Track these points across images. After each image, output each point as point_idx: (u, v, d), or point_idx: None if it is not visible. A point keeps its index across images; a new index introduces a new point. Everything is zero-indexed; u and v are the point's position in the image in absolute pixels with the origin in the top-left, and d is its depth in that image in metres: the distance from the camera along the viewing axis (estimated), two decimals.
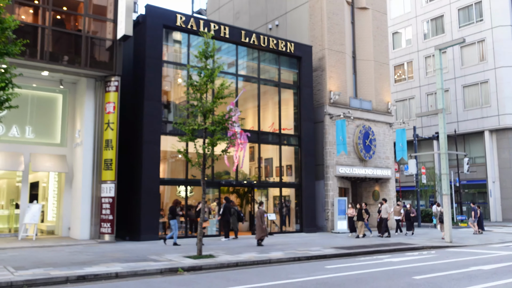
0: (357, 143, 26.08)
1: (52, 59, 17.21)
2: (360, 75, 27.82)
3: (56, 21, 17.79)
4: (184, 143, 15.31)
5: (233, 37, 22.32)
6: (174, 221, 17.82)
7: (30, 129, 19.18)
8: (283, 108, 25.06)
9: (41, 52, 17.03)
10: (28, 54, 16.74)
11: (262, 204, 18.53)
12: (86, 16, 18.17)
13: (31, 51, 16.91)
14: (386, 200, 23.58)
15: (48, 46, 17.12)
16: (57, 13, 17.83)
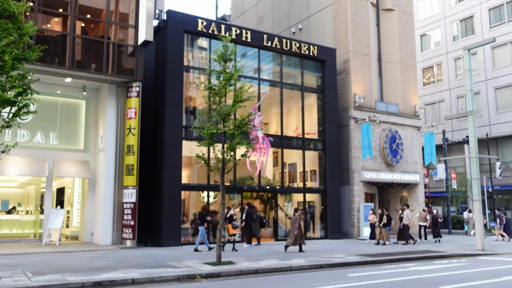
0: (383, 147, 25.41)
1: (75, 66, 17.36)
2: (386, 78, 27.17)
3: (78, 28, 17.95)
4: (206, 147, 15.11)
5: (255, 41, 22.11)
6: (203, 228, 17.79)
7: (54, 135, 19.39)
8: (307, 112, 24.66)
9: (64, 59, 17.19)
10: (49, 61, 16.94)
11: (298, 211, 18.34)
12: (107, 22, 18.29)
13: (53, 58, 17.10)
14: (408, 206, 22.85)
15: (71, 53, 17.27)
16: (80, 20, 18.00)
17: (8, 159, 18.26)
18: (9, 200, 21.79)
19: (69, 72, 17.52)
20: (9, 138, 18.50)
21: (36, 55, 11.76)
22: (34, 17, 16.76)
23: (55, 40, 17.62)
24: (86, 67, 17.71)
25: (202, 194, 22.31)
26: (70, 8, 17.56)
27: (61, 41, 17.58)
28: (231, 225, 18.06)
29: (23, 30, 11.39)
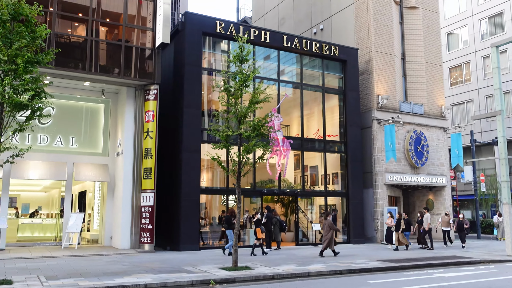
0: (407, 149, 24.66)
1: (94, 69, 17.36)
2: (410, 78, 26.41)
3: (97, 32, 17.98)
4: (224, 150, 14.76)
5: (274, 42, 21.77)
6: (230, 231, 17.52)
7: (73, 139, 19.47)
8: (328, 114, 24.16)
9: (84, 62, 17.23)
10: (69, 65, 16.99)
11: (330, 215, 17.99)
12: (125, 26, 18.26)
13: (72, 62, 17.16)
14: (428, 209, 22.07)
15: (90, 57, 17.29)
16: (98, 24, 18.01)
17: (28, 163, 18.44)
18: (30, 204, 21.98)
19: (88, 76, 17.57)
20: (30, 142, 18.63)
21: (50, 58, 11.70)
22: (53, 22, 16.85)
23: (74, 45, 17.68)
24: (104, 71, 17.71)
25: (223, 197, 22.09)
26: (89, 12, 17.60)
27: (80, 45, 17.64)
28: (260, 229, 17.66)
29: (36, 33, 11.35)
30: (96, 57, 17.62)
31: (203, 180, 23.46)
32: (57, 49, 12.15)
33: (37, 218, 22.23)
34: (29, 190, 26.13)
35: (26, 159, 18.46)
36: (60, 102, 19.46)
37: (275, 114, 21.55)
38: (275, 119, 21.42)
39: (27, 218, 21.76)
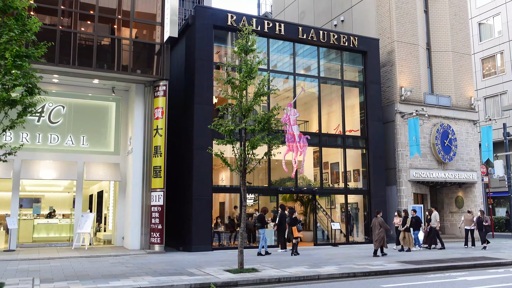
0: (434, 143, 23.33)
1: (101, 66, 16.97)
2: (436, 68, 25.03)
3: (103, 28, 17.59)
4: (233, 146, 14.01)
5: (289, 34, 20.90)
6: (263, 230, 17.22)
7: (84, 138, 19.17)
8: (348, 108, 23.12)
9: (91, 59, 16.85)
10: (75, 62, 16.65)
11: (380, 213, 17.29)
12: (133, 20, 17.80)
13: (79, 59, 16.81)
14: (436, 207, 20.74)
15: (96, 54, 16.91)
16: (105, 20, 17.61)
17: (39, 163, 18.25)
18: (41, 204, 21.88)
19: (95, 73, 17.19)
20: (40, 142, 18.48)
21: (41, 52, 11.21)
22: (58, 18, 16.54)
23: (80, 41, 17.33)
24: (112, 68, 17.28)
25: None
26: (95, 8, 17.22)
27: (86, 42, 17.28)
28: (296, 228, 16.96)
29: (26, 27, 10.91)
30: (103, 53, 17.23)
31: (222, 178, 22.89)
32: (50, 43, 11.63)
33: (54, 219, 22.07)
34: (52, 190, 26.14)
35: (36, 158, 18.42)
36: (70, 101, 19.27)
37: (294, 110, 20.76)
38: (291, 114, 20.60)
39: (43, 219, 21.64)
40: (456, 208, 24.99)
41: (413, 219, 18.81)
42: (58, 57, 16.35)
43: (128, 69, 17.39)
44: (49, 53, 16.42)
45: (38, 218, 21.51)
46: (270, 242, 19.49)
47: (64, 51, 16.59)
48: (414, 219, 18.80)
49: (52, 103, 18.88)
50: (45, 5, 16.50)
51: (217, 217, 20.56)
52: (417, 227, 18.86)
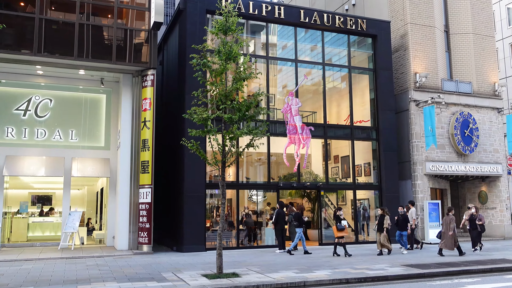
0: (453, 133, 21.40)
1: (83, 55, 15.90)
2: (455, 52, 23.03)
3: (86, 14, 16.52)
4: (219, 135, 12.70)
5: (290, 17, 19.40)
6: (300, 230, 16.13)
7: (73, 132, 18.23)
8: (357, 96, 21.47)
9: (71, 48, 15.80)
10: (54, 51, 15.66)
11: (452, 211, 15.77)
12: (117, 6, 16.68)
13: (59, 48, 15.81)
14: (414, 203, 18.58)
15: (78, 42, 15.84)
16: (87, 5, 16.52)
17: (24, 159, 17.41)
18: (28, 203, 21.11)
19: (77, 63, 16.16)
20: (26, 137, 17.64)
21: None
22: (36, 5, 15.55)
23: (61, 29, 16.33)
24: (95, 57, 16.17)
25: (250, 192, 20.13)
26: None
27: (67, 29, 16.24)
28: (336, 227, 15.48)
29: None
30: (85, 41, 16.13)
31: (229, 174, 21.67)
32: (1, 25, 10.58)
33: (50, 217, 21.30)
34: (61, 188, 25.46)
35: (22, 154, 17.56)
36: (58, 93, 18.36)
37: (296, 99, 19.31)
38: (293, 103, 19.13)
39: (37, 217, 20.90)
40: (479, 204, 22.96)
41: (399, 217, 16.66)
42: (37, 46, 15.37)
43: (112, 58, 16.27)
44: (27, 42, 15.58)
45: (33, 216, 20.78)
46: (267, 241, 18.20)
47: (43, 40, 15.60)
48: (401, 217, 16.61)
49: (39, 96, 18.01)
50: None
51: (217, 214, 19.38)
52: (403, 227, 16.57)
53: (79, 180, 21.40)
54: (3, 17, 14.88)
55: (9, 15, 15.35)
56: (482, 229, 16.60)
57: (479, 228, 16.54)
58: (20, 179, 19.90)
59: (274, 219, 16.58)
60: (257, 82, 19.07)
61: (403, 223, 16.55)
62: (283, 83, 20.62)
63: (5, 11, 15.27)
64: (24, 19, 15.66)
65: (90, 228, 22.32)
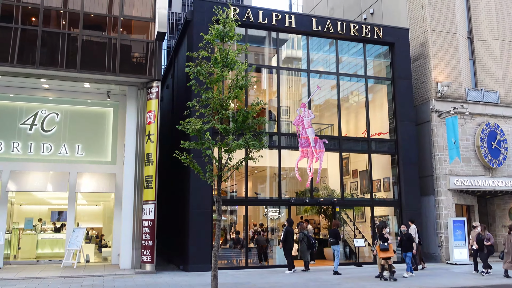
0: (478, 146, 20.06)
1: (85, 67, 15.56)
2: (480, 60, 21.78)
3: (89, 26, 16.25)
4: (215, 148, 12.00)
5: (301, 26, 18.69)
6: (338, 247, 15.39)
7: (79, 147, 17.85)
8: (375, 108, 20.49)
9: (73, 60, 15.50)
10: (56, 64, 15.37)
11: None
12: (122, 17, 16.34)
13: (60, 60, 15.52)
14: (414, 220, 17.13)
15: (80, 54, 15.54)
16: (90, 17, 16.26)
17: (28, 174, 17.09)
18: (33, 218, 20.79)
19: (79, 75, 15.83)
20: (32, 152, 17.35)
21: None
22: (40, 16, 15.36)
23: (63, 41, 16.04)
24: (98, 69, 15.81)
25: (266, 209, 19.38)
26: (81, 4, 15.93)
27: (70, 41, 15.94)
28: (379, 247, 14.21)
29: None
30: (88, 53, 15.82)
31: (234, 190, 20.94)
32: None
33: (61, 233, 20.91)
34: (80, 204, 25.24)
35: (27, 169, 17.23)
36: (65, 107, 18.06)
37: (308, 111, 18.48)
38: (305, 115, 18.30)
39: (48, 234, 20.55)
40: (510, 221, 21.38)
41: (403, 236, 15.29)
42: (39, 59, 15.13)
43: (116, 70, 15.87)
44: (30, 55, 15.36)
45: (43, 233, 20.44)
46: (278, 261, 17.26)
47: (46, 53, 15.38)
48: (404, 237, 15.22)
49: (45, 110, 17.75)
50: (26, 3, 15.42)
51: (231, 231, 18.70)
52: (408, 248, 15.10)
53: (95, 196, 21.04)
54: (5, 30, 14.72)
55: (11, 28, 15.17)
56: (490, 250, 15.05)
57: (486, 249, 15.00)
58: (34, 194, 19.66)
59: (282, 237, 15.65)
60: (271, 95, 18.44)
61: (407, 243, 15.15)
62: (299, 95, 19.83)
63: (7, 24, 15.11)
64: (27, 32, 15.44)
65: (103, 245, 21.85)
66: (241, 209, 21.04)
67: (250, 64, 16.51)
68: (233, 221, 19.72)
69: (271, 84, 19.30)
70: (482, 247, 15.09)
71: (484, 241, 15.10)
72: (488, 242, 15.05)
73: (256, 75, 19.79)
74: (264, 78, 19.49)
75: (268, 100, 18.55)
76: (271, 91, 19.37)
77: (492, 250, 15.30)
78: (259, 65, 18.98)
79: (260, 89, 19.86)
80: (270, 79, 19.37)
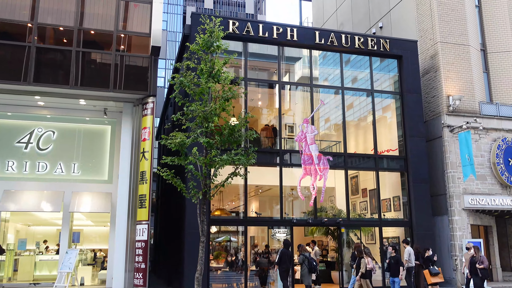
0: (494, 162, 18.93)
1: (79, 83, 15.21)
2: (494, 72, 20.79)
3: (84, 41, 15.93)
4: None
5: (303, 40, 18.08)
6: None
7: (75, 165, 17.41)
8: (383, 123, 19.59)
9: (67, 76, 15.18)
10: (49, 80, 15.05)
11: None
12: (117, 32, 16.01)
13: (53, 76, 15.21)
14: (409, 242, 15.82)
15: (75, 69, 15.22)
16: (84, 32, 15.97)
17: (22, 194, 16.67)
18: (27, 239, 20.33)
19: (72, 92, 15.50)
20: (27, 171, 16.96)
21: None
22: (33, 32, 15.13)
23: (57, 57, 15.77)
24: (91, 84, 15.44)
25: (273, 230, 18.61)
26: (76, 20, 15.67)
27: (63, 57, 15.65)
28: (428, 270, 13.26)
29: None
30: (82, 69, 15.48)
31: (252, 210, 20.24)
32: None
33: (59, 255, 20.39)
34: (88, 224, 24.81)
35: (22, 189, 16.85)
36: (61, 125, 17.68)
37: (312, 126, 17.76)
38: (308, 131, 17.55)
39: (46, 255, 20.04)
40: None
41: (391, 260, 14.08)
42: (33, 75, 14.85)
43: (110, 86, 15.47)
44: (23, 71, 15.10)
45: (41, 254, 19.94)
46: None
47: (40, 69, 15.10)
48: (392, 261, 13.98)
49: (41, 128, 17.41)
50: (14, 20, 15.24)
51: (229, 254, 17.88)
52: (395, 272, 13.82)
53: (102, 216, 20.51)
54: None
55: (3, 44, 14.96)
56: (483, 275, 13.70)
57: (480, 273, 13.70)
58: (37, 215, 19.28)
59: (277, 260, 14.73)
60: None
61: (396, 267, 13.88)
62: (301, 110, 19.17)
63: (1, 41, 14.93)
64: (19, 48, 15.20)
65: (105, 267, 21.25)
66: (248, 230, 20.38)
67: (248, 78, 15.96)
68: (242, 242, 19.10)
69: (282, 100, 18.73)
70: (475, 270, 13.79)
71: (477, 264, 13.78)
72: (481, 265, 13.71)
73: (268, 91, 19.26)
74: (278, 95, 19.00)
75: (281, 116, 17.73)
76: (283, 109, 18.75)
77: (485, 274, 13.90)
78: (256, 80, 18.43)
79: (272, 106, 19.36)
80: (284, 96, 18.84)
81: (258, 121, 19.89)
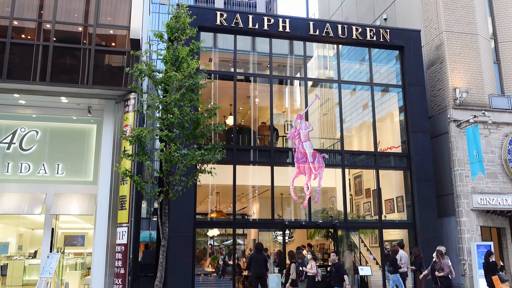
0: (506, 159, 17.55)
1: (54, 79, 14.54)
2: (506, 63, 19.39)
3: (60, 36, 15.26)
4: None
5: (296, 31, 17.09)
6: (397, 276, 13.46)
7: (59, 166, 16.72)
8: (384, 118, 18.45)
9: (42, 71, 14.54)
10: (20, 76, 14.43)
11: None
12: (96, 26, 15.29)
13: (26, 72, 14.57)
14: (403, 245, 15.02)
15: (51, 65, 14.56)
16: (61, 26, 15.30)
17: (3, 196, 16.06)
18: (9, 244, 19.74)
19: (50, 89, 14.84)
20: (9, 172, 16.35)
21: None
22: (9, 26, 14.54)
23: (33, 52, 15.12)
24: (69, 80, 14.76)
25: (275, 233, 17.70)
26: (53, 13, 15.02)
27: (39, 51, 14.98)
28: (498, 276, 12.36)
29: None
30: (61, 65, 14.83)
31: (254, 212, 19.36)
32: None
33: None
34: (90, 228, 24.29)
35: (2, 190, 16.23)
36: (45, 124, 16.98)
37: (306, 122, 16.74)
38: (302, 127, 16.53)
39: (35, 259, 19.46)
40: None
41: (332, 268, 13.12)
42: (7, 72, 14.24)
43: (89, 82, 14.75)
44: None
45: (30, 258, 19.38)
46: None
47: (15, 65, 14.49)
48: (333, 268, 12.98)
49: (24, 128, 16.77)
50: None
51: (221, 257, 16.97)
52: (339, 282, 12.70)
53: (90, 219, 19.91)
54: None
55: None
56: (443, 284, 12.15)
57: (439, 281, 12.17)
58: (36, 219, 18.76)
59: (247, 265, 13.67)
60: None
61: (337, 275, 12.72)
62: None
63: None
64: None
65: None
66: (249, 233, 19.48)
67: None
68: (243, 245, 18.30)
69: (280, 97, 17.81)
70: (435, 279, 12.38)
71: (437, 271, 12.37)
72: (442, 273, 12.26)
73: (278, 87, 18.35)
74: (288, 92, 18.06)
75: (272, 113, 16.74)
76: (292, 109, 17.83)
77: (445, 283, 12.40)
78: (244, 74, 17.49)
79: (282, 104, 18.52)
80: (292, 92, 17.93)
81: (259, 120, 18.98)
